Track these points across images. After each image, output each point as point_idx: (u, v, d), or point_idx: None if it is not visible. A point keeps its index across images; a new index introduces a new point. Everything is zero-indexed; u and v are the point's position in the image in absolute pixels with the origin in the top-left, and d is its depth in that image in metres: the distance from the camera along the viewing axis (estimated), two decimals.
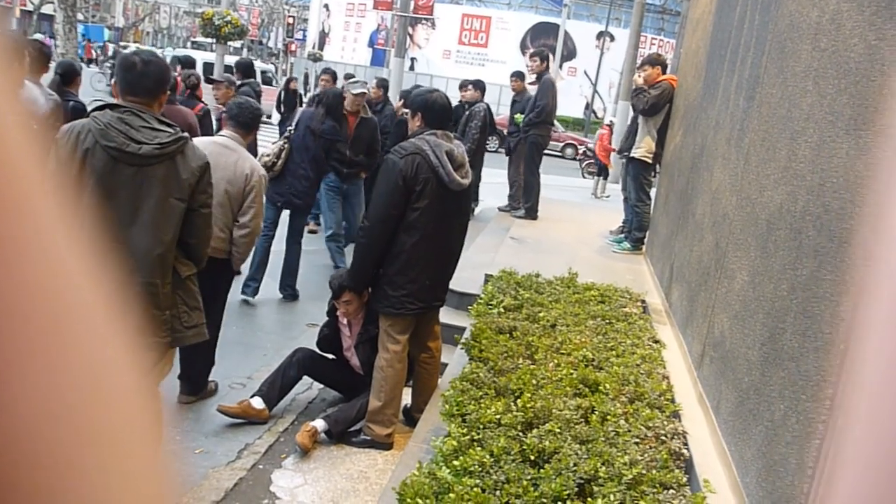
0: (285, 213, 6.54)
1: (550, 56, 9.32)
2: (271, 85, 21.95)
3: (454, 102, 8.75)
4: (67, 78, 5.82)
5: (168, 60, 9.70)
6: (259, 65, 22.55)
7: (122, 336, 0.31)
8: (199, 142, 3.72)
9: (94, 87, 21.99)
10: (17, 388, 0.25)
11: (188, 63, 9.33)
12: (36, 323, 0.26)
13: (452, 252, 4.21)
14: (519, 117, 8.92)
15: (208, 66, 17.43)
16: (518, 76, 9.41)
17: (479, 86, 9.25)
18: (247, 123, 4.46)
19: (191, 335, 3.21)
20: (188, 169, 3.07)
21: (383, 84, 9.61)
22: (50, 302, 0.27)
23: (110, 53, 34.70)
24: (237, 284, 6.40)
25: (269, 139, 8.18)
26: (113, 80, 3.22)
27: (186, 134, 3.14)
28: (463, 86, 9.58)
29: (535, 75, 8.83)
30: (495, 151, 8.85)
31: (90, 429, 0.28)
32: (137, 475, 0.31)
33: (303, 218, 6.61)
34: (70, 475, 0.27)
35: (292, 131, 6.39)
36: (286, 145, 6.29)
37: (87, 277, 0.30)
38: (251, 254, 6.43)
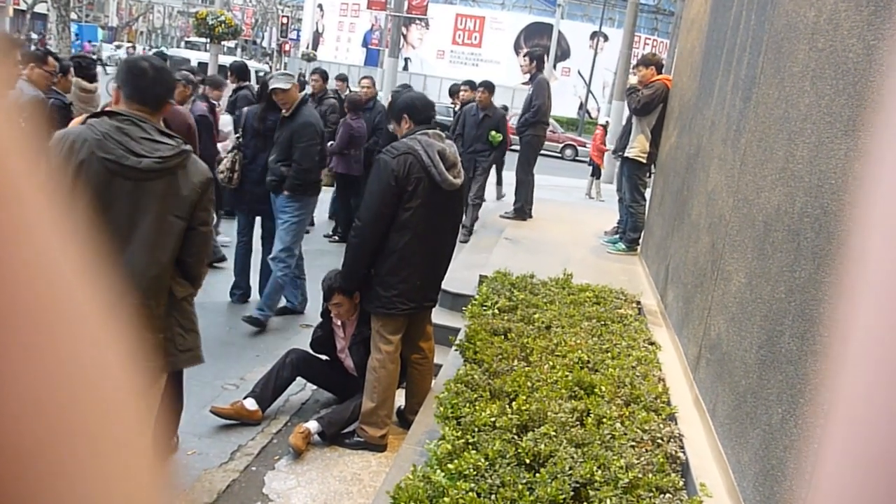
0: None
1: (545, 56, 9.15)
2: None
3: (446, 105, 8.60)
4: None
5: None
6: (253, 64, 22.45)
7: (117, 337, 0.30)
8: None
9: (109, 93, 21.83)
10: (9, 388, 0.24)
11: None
12: (28, 321, 0.26)
13: (444, 252, 4.19)
14: (496, 136, 8.26)
15: (203, 66, 17.35)
16: (487, 88, 8.44)
17: (473, 85, 9.15)
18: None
19: (185, 359, 3.08)
20: (189, 185, 2.88)
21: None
22: (43, 300, 0.26)
23: (105, 55, 34.98)
24: (223, 288, 6.37)
25: None
26: (116, 86, 2.93)
27: (189, 147, 2.95)
28: (453, 93, 9.55)
29: (528, 75, 8.61)
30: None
31: (83, 430, 0.27)
32: (130, 478, 0.30)
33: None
34: (62, 476, 0.26)
35: (240, 140, 6.15)
36: (237, 156, 6.10)
37: (82, 277, 0.29)
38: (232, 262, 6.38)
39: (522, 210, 8.57)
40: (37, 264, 0.26)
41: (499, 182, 11.61)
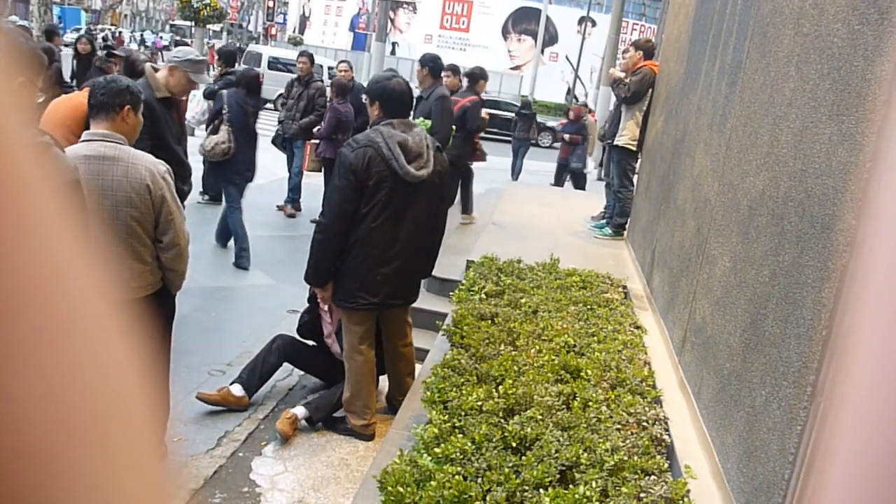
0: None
1: (441, 62, 6.82)
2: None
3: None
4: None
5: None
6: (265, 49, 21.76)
7: (126, 335, 0.30)
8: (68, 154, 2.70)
9: None
10: (15, 385, 0.24)
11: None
12: (35, 318, 0.25)
13: (415, 250, 3.94)
14: (424, 122, 5.70)
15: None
16: (422, 64, 6.58)
17: (455, 70, 8.61)
18: (107, 104, 3.09)
19: None
20: None
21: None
22: (50, 296, 0.26)
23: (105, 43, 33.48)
24: (207, 273, 6.35)
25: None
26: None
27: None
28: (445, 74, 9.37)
29: (420, 88, 6.70)
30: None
31: (92, 429, 0.27)
32: (137, 479, 0.30)
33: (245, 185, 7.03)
34: (67, 476, 0.26)
35: (228, 114, 6.74)
36: (229, 126, 6.71)
37: (90, 274, 0.29)
38: (232, 230, 6.80)
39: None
40: (45, 260, 0.26)
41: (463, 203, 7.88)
